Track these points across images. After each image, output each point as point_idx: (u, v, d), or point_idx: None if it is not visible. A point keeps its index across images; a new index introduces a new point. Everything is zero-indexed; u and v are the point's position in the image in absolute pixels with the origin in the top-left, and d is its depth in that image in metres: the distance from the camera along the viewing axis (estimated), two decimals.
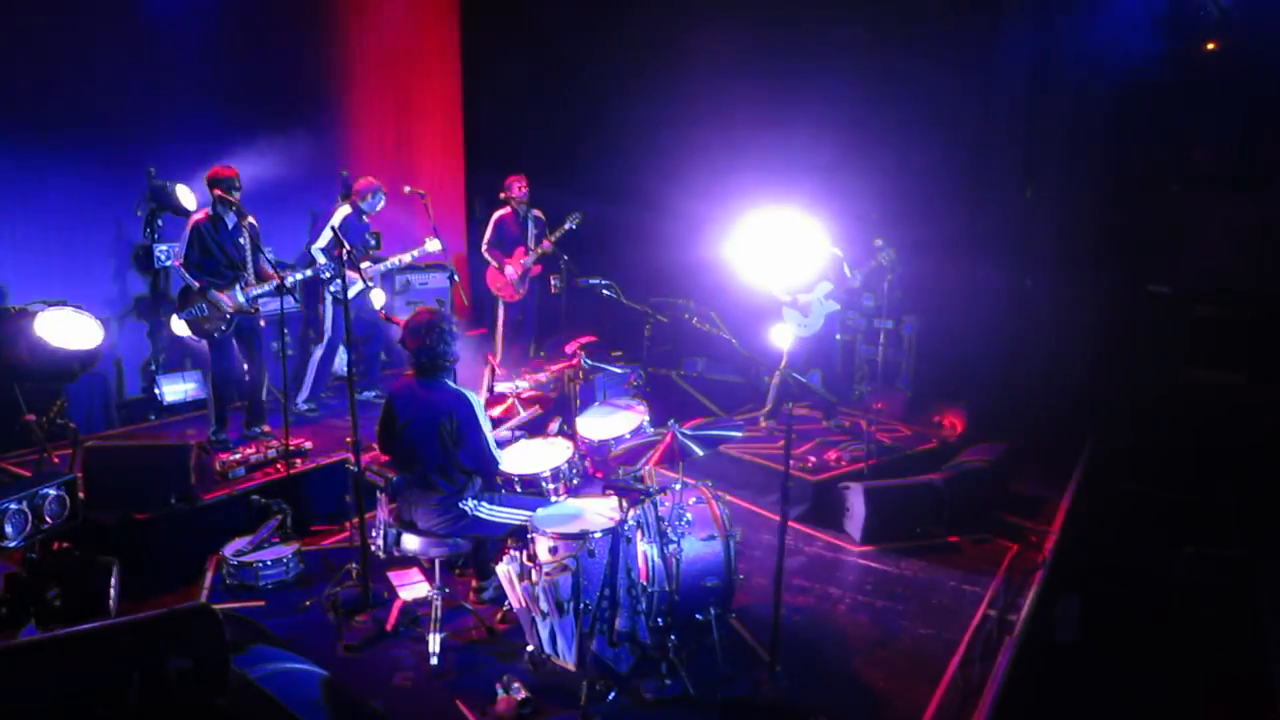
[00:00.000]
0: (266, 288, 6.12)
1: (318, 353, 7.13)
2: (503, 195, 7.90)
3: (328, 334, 7.07)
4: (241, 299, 6.06)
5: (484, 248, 7.94)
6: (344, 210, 6.94)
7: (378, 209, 7.01)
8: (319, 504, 5.79)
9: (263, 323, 6.43)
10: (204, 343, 6.22)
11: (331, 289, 6.87)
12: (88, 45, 6.70)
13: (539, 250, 7.82)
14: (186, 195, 6.82)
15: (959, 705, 4.09)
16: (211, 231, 5.99)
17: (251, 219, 6.17)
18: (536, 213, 7.97)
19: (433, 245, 6.91)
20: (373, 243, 6.87)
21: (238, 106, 7.69)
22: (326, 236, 6.75)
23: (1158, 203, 8.32)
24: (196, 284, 5.96)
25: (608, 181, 9.29)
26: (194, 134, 7.34)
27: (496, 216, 7.90)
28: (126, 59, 6.94)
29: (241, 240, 6.08)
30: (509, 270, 7.78)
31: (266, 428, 6.45)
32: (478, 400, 4.24)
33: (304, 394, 7.12)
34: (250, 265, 6.12)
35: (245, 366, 6.40)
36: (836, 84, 8.86)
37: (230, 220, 6.06)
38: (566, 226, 7.67)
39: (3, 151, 6.37)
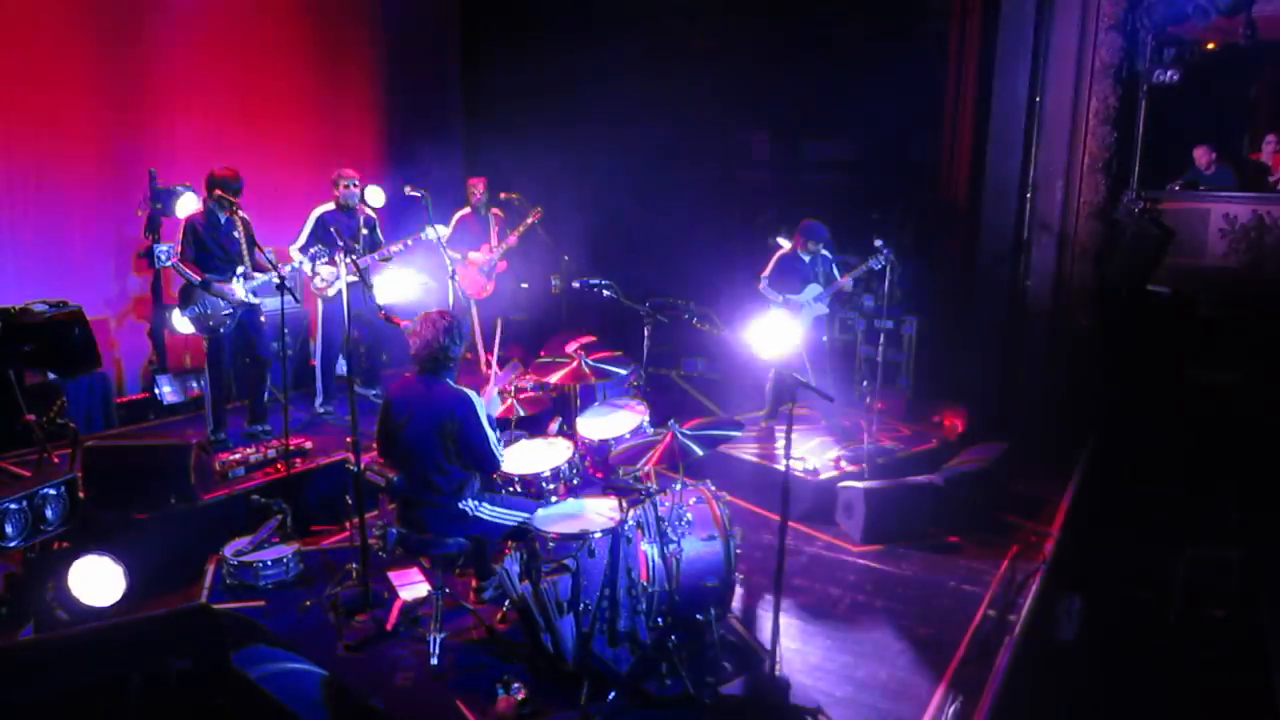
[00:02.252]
0: (266, 279, 6.10)
1: (316, 353, 7.12)
2: (480, 196, 7.93)
3: (320, 333, 7.06)
4: (243, 291, 6.05)
5: (443, 246, 7.90)
6: (323, 207, 6.87)
7: (355, 201, 6.84)
8: (319, 504, 5.79)
9: (263, 318, 6.41)
10: (204, 341, 6.21)
11: (315, 287, 6.85)
12: (89, 44, 6.72)
13: (504, 245, 7.88)
14: (186, 198, 6.82)
15: (959, 705, 4.09)
16: (206, 227, 5.98)
17: (242, 213, 6.15)
18: (496, 212, 8.03)
19: (433, 233, 6.85)
20: (356, 245, 6.77)
21: (238, 107, 7.70)
22: (303, 236, 6.75)
23: (1157, 202, 8.32)
24: (198, 278, 5.95)
25: (607, 181, 9.30)
26: (194, 134, 7.36)
27: (458, 216, 8.00)
28: (127, 59, 6.96)
29: (236, 234, 6.07)
30: (474, 256, 7.80)
31: (268, 427, 6.45)
32: (479, 399, 4.23)
33: (319, 398, 7.10)
34: (247, 257, 6.11)
35: (246, 364, 6.40)
36: (839, 83, 8.88)
37: (223, 215, 6.05)
38: (529, 222, 7.69)
39: (3, 151, 6.37)
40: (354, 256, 6.67)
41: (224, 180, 5.93)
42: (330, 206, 6.85)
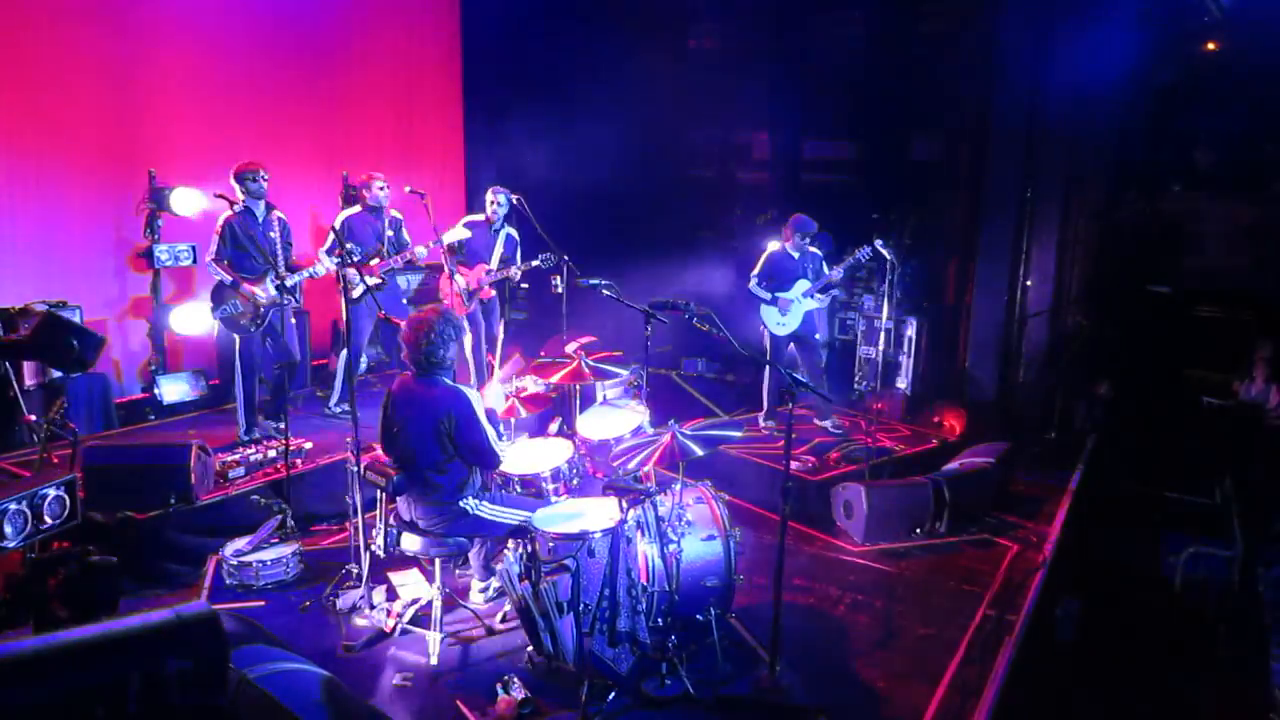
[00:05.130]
0: (298, 279, 6.13)
1: (342, 355, 7.11)
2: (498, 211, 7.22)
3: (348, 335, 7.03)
4: (274, 291, 6.05)
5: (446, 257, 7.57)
6: (348, 211, 6.87)
7: (385, 202, 6.79)
8: (319, 504, 5.79)
9: (293, 320, 6.40)
10: (235, 341, 6.20)
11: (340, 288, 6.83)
12: (90, 44, 6.71)
13: (503, 274, 7.05)
14: (186, 199, 6.82)
15: (959, 705, 4.09)
16: (243, 225, 5.99)
17: (280, 213, 6.16)
18: (511, 231, 7.19)
19: (454, 234, 6.78)
20: (381, 247, 6.76)
21: (239, 108, 7.70)
22: (329, 239, 6.73)
23: (1158, 203, 8.32)
24: (229, 279, 5.95)
25: (607, 182, 9.29)
26: (195, 135, 7.36)
27: (466, 221, 7.16)
28: (129, 59, 6.96)
29: (272, 234, 6.08)
30: (460, 281, 6.92)
31: (282, 425, 6.43)
32: (476, 397, 4.23)
33: (335, 397, 7.07)
34: (281, 257, 6.11)
35: (274, 361, 6.40)
36: (839, 83, 8.88)
37: (260, 213, 6.06)
38: (537, 262, 6.91)
39: (3, 150, 6.37)
40: (377, 260, 6.68)
41: (245, 171, 5.93)
42: (356, 210, 6.80)
